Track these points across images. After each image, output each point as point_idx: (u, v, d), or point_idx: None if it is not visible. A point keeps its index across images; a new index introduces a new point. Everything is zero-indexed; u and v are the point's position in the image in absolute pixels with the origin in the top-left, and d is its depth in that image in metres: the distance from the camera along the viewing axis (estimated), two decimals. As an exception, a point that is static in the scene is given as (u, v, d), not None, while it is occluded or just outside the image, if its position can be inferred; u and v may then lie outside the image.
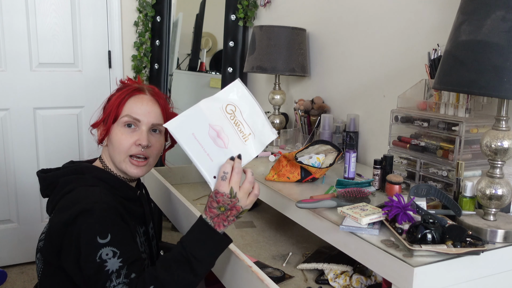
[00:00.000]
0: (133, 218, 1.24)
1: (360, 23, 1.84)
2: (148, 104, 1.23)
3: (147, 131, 1.21)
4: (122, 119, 1.20)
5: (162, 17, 2.86)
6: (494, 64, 0.97)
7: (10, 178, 2.72)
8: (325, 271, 1.36)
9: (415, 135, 1.42)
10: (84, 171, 1.22)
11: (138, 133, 1.20)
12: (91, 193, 1.12)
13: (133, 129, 1.20)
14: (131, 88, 1.24)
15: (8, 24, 2.59)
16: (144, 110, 1.21)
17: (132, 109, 1.20)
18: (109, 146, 1.23)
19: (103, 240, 1.03)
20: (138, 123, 1.21)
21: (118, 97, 1.22)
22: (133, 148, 1.20)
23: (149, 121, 1.21)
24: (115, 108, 1.20)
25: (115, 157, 1.22)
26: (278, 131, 2.19)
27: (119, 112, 1.20)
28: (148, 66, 2.93)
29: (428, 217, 1.02)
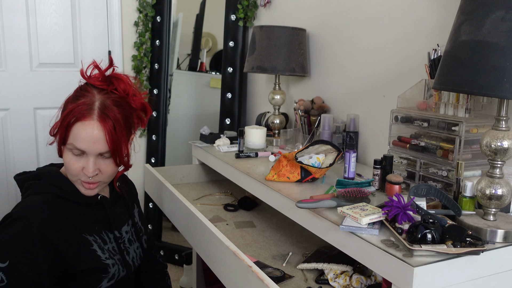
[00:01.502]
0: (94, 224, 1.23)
1: (360, 23, 1.84)
2: (94, 132, 1.13)
3: (94, 159, 1.15)
4: (68, 146, 1.15)
5: (162, 17, 2.86)
6: (494, 64, 0.97)
7: (10, 178, 2.72)
8: (325, 271, 1.36)
9: (415, 135, 1.42)
10: (42, 176, 1.22)
11: (84, 160, 1.15)
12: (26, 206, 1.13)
13: (80, 156, 1.16)
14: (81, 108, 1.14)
15: (8, 24, 2.59)
16: (89, 140, 1.13)
17: (76, 138, 1.13)
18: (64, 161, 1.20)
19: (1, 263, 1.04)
20: (83, 153, 1.15)
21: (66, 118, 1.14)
22: (81, 175, 1.17)
23: (95, 151, 1.15)
24: (63, 131, 1.14)
25: (68, 174, 1.20)
26: (278, 131, 2.19)
27: (67, 137, 1.14)
28: (148, 66, 2.93)
29: (428, 217, 1.02)
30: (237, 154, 1.87)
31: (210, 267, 1.39)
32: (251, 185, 1.60)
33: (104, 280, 1.20)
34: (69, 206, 1.19)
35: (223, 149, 2.00)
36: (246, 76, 2.76)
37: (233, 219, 1.83)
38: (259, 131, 1.99)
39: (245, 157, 1.87)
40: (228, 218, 1.84)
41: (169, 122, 3.04)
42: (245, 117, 2.81)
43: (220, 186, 2.22)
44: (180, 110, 3.16)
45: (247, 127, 2.02)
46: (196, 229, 1.46)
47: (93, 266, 1.18)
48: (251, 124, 2.63)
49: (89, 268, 1.17)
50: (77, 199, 1.21)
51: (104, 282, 1.20)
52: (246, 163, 1.77)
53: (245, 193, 2.00)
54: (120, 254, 1.27)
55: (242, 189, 1.72)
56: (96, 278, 1.19)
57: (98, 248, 1.20)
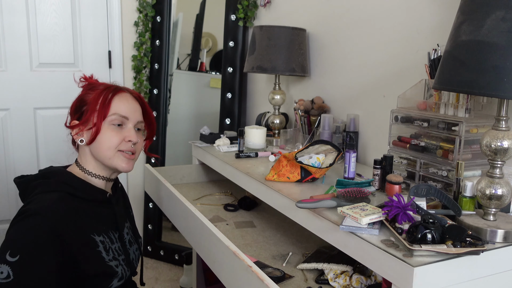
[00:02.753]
0: (103, 223, 1.23)
1: (360, 23, 1.84)
2: (132, 102, 1.27)
3: (133, 128, 1.25)
4: (110, 118, 1.22)
5: (162, 17, 2.86)
6: (494, 64, 0.97)
7: (10, 178, 2.72)
8: (325, 271, 1.36)
9: (415, 135, 1.42)
10: (50, 175, 1.22)
11: (126, 130, 1.24)
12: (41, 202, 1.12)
13: (120, 127, 1.24)
14: (112, 86, 1.26)
15: (8, 24, 2.60)
16: (130, 108, 1.25)
17: (119, 107, 1.23)
18: (93, 146, 1.23)
19: (10, 257, 1.03)
20: (126, 120, 1.24)
21: (103, 97, 1.22)
22: (123, 144, 1.24)
23: (135, 118, 1.26)
24: (102, 107, 1.21)
25: (102, 153, 1.23)
26: (278, 131, 2.19)
27: (107, 111, 1.22)
28: (148, 66, 2.93)
29: (428, 217, 1.02)
30: (237, 154, 1.87)
31: (210, 267, 1.39)
32: (251, 185, 1.60)
33: (115, 280, 1.22)
34: (80, 204, 1.19)
35: (223, 149, 2.00)
36: (246, 76, 2.76)
37: (233, 219, 1.83)
38: (259, 131, 1.99)
39: (245, 157, 1.87)
40: (228, 218, 1.84)
41: (169, 122, 3.04)
42: (245, 117, 2.81)
43: (220, 186, 2.22)
44: (180, 110, 3.16)
45: (247, 127, 2.02)
46: (196, 229, 1.46)
47: (99, 270, 1.17)
48: (251, 124, 2.63)
49: (96, 273, 1.16)
50: (88, 196, 1.21)
51: (114, 282, 1.22)
52: (246, 163, 1.77)
53: (245, 193, 2.00)
54: (125, 254, 1.28)
55: (242, 189, 1.72)
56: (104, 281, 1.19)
57: (104, 249, 1.20)
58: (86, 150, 1.26)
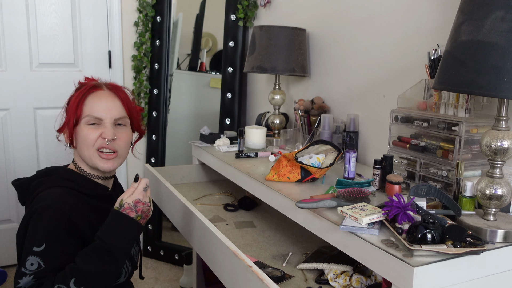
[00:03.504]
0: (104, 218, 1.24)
1: (360, 23, 1.84)
2: (108, 100, 1.23)
3: (111, 126, 1.22)
4: (85, 120, 1.20)
5: (162, 17, 2.86)
6: (494, 64, 0.97)
7: (10, 178, 2.72)
8: (325, 271, 1.36)
9: (415, 135, 1.42)
10: (51, 172, 1.24)
11: (101, 128, 1.22)
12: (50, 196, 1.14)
13: (97, 126, 1.21)
14: (88, 86, 1.24)
15: (8, 24, 2.60)
16: (104, 107, 1.21)
17: (92, 108, 1.20)
18: (77, 147, 1.24)
19: (37, 248, 1.06)
20: (101, 121, 1.21)
21: (76, 98, 1.21)
22: (99, 141, 1.21)
23: (111, 116, 1.22)
24: (75, 110, 1.20)
25: (84, 154, 1.22)
26: (278, 131, 2.19)
27: (79, 113, 1.20)
28: (148, 66, 2.93)
29: (428, 217, 1.02)
30: (237, 154, 1.87)
31: (210, 267, 1.39)
32: (251, 185, 1.60)
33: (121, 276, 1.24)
34: (83, 199, 1.20)
35: (223, 149, 2.00)
36: (246, 76, 2.76)
37: (233, 219, 1.83)
38: (259, 131, 1.99)
39: (245, 157, 1.87)
40: (228, 218, 1.84)
41: (169, 122, 3.04)
42: (245, 117, 2.81)
43: (220, 186, 2.22)
44: (180, 110, 3.16)
45: (247, 127, 2.02)
46: (196, 229, 1.46)
47: None
48: (251, 124, 2.63)
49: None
50: (90, 191, 1.23)
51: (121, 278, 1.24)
52: (246, 163, 1.77)
53: (245, 193, 2.00)
54: None
55: (242, 189, 1.72)
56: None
57: None
58: (75, 152, 1.28)
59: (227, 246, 1.23)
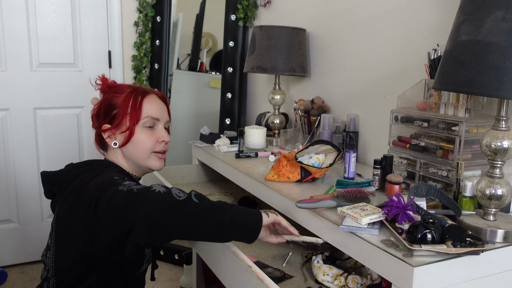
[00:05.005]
0: None
1: (360, 23, 1.84)
2: (160, 103, 1.34)
3: (163, 128, 1.33)
4: (143, 121, 1.28)
5: (162, 17, 2.86)
6: (494, 64, 0.97)
7: (10, 178, 2.72)
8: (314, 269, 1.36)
9: (415, 135, 1.42)
10: (92, 163, 1.29)
11: (157, 131, 1.32)
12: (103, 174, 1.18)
13: (152, 129, 1.30)
14: (139, 89, 1.32)
15: (8, 24, 2.60)
16: (159, 109, 1.32)
17: (150, 109, 1.30)
18: (129, 147, 1.29)
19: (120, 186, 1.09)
20: (157, 121, 1.31)
21: (133, 100, 1.28)
22: (157, 145, 1.31)
23: (165, 119, 1.34)
24: (134, 111, 1.27)
25: (137, 155, 1.30)
26: (278, 131, 2.19)
27: (139, 114, 1.28)
28: (148, 66, 2.93)
29: (428, 217, 1.02)
30: (237, 154, 1.87)
31: (210, 267, 1.39)
32: (251, 185, 1.60)
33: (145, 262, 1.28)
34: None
35: (223, 149, 2.00)
36: (246, 76, 2.76)
37: (233, 219, 1.83)
38: (259, 131, 1.99)
39: (245, 157, 1.87)
40: (228, 218, 1.84)
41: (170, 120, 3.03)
42: (245, 117, 2.81)
43: (220, 186, 2.22)
44: (180, 110, 3.16)
45: (247, 127, 2.02)
46: (196, 229, 1.46)
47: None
48: (251, 124, 2.63)
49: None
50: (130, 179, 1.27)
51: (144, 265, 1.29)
52: (246, 163, 1.77)
53: (245, 193, 2.00)
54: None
55: (242, 189, 1.71)
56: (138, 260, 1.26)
57: None
58: (117, 151, 1.32)
59: (227, 246, 1.23)
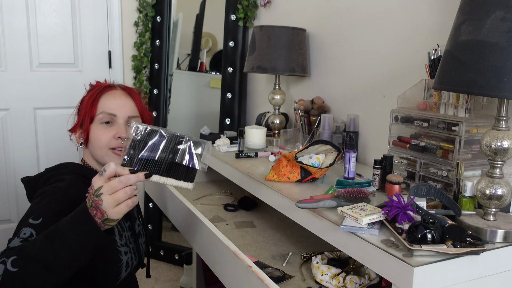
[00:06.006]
0: None
1: (360, 23, 1.84)
2: (121, 97, 1.25)
3: (124, 124, 1.24)
4: (98, 117, 1.22)
5: (162, 17, 2.86)
6: (494, 64, 0.97)
7: (10, 178, 2.72)
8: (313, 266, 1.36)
9: (415, 135, 1.42)
10: (61, 167, 1.25)
11: (115, 127, 1.23)
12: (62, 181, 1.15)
13: (110, 125, 1.23)
14: (102, 85, 1.27)
15: (8, 24, 2.60)
16: (118, 104, 1.23)
17: (106, 105, 1.22)
18: (89, 146, 1.25)
19: (33, 220, 1.04)
20: (114, 117, 1.23)
21: (90, 97, 1.23)
22: (113, 142, 1.22)
23: (124, 114, 1.24)
24: (89, 108, 1.22)
25: (96, 153, 1.24)
26: (278, 131, 2.19)
27: (94, 111, 1.22)
28: (148, 66, 2.93)
29: (428, 217, 1.02)
30: (237, 154, 1.87)
31: (210, 267, 1.39)
32: (251, 185, 1.60)
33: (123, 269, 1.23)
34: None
35: (223, 149, 2.00)
36: (246, 76, 2.76)
37: (233, 219, 1.83)
38: (259, 131, 1.99)
39: (245, 157, 1.87)
40: (228, 218, 1.84)
41: (169, 122, 3.03)
42: (245, 117, 2.81)
43: (220, 186, 2.22)
44: (180, 110, 3.16)
45: (247, 127, 2.02)
46: (196, 229, 1.46)
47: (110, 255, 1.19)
48: (251, 124, 2.63)
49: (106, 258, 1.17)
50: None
51: (122, 273, 1.23)
52: (246, 163, 1.77)
53: (245, 193, 2.00)
54: (135, 242, 1.31)
55: (242, 189, 1.72)
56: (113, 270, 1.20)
57: (117, 233, 1.23)
58: (86, 151, 1.30)
59: (227, 246, 1.23)
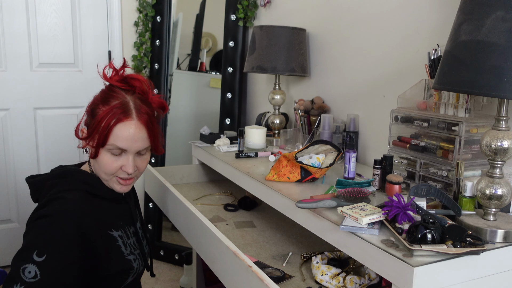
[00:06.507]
0: (120, 219, 1.25)
1: (360, 23, 1.84)
2: (135, 131, 1.17)
3: (133, 157, 1.20)
4: (108, 146, 1.17)
5: (162, 17, 2.86)
6: (494, 64, 0.97)
7: (10, 178, 2.72)
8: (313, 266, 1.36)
9: (415, 135, 1.42)
10: (67, 174, 1.22)
11: (124, 159, 1.19)
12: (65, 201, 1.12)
13: (119, 155, 1.19)
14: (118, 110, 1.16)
15: (8, 24, 2.59)
16: (130, 139, 1.17)
17: (118, 138, 1.16)
18: (95, 162, 1.22)
19: (37, 257, 1.03)
20: (125, 151, 1.19)
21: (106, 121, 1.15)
22: (119, 172, 1.20)
23: (135, 149, 1.19)
24: (102, 134, 1.16)
25: (101, 174, 1.22)
26: (278, 131, 2.19)
27: (106, 140, 1.16)
28: (148, 66, 2.93)
29: (428, 217, 1.02)
30: (237, 154, 1.87)
31: (210, 267, 1.39)
32: (251, 185, 1.60)
33: (130, 276, 1.24)
34: (99, 203, 1.20)
35: (223, 149, 2.00)
36: (246, 76, 2.76)
37: (233, 219, 1.83)
38: (259, 131, 1.99)
39: (245, 157, 1.87)
40: (228, 218, 1.84)
41: (169, 122, 3.03)
42: (245, 117, 2.81)
43: (220, 186, 2.22)
44: (180, 110, 3.16)
45: (247, 127, 2.02)
46: (196, 229, 1.46)
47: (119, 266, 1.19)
48: (251, 124, 2.63)
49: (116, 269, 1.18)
50: (106, 194, 1.23)
51: (129, 278, 1.25)
52: (246, 163, 1.77)
53: (245, 193, 2.00)
54: (140, 248, 1.31)
55: (242, 189, 1.72)
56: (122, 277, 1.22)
57: (122, 244, 1.22)
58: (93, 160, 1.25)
59: (227, 246, 1.23)
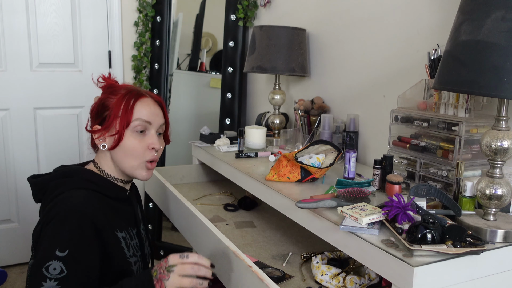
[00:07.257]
0: (124, 220, 1.25)
1: (360, 23, 1.84)
2: (154, 106, 1.26)
3: (155, 134, 1.25)
4: (133, 124, 1.21)
5: (162, 17, 2.86)
6: (494, 64, 0.97)
7: (10, 178, 2.72)
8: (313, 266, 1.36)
9: (415, 135, 1.42)
10: (72, 174, 1.22)
11: (148, 137, 1.23)
12: (74, 198, 1.12)
13: (143, 134, 1.23)
14: (133, 91, 1.25)
15: (8, 24, 2.59)
16: (152, 113, 1.24)
17: (141, 113, 1.22)
18: (118, 152, 1.22)
19: (60, 252, 1.04)
20: (149, 126, 1.23)
21: (125, 102, 1.21)
22: (147, 153, 1.23)
23: (158, 123, 1.25)
24: (125, 114, 1.20)
25: (125, 162, 1.22)
26: (278, 131, 2.19)
27: (130, 117, 1.20)
28: (148, 66, 2.93)
29: (428, 217, 1.02)
30: (237, 154, 1.87)
31: (210, 267, 1.39)
32: (251, 185, 1.60)
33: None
34: (105, 201, 1.20)
35: (223, 149, 2.00)
36: (246, 76, 2.76)
37: (233, 219, 1.83)
38: (259, 131, 1.99)
39: (245, 157, 1.87)
40: (228, 218, 1.84)
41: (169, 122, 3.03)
42: (245, 117, 2.81)
43: (220, 186, 2.22)
44: (180, 110, 3.16)
45: (247, 127, 2.02)
46: (196, 229, 1.46)
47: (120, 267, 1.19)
48: (251, 124, 2.63)
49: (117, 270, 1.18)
50: (112, 193, 1.23)
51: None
52: (246, 163, 1.77)
53: (245, 193, 2.00)
54: (141, 250, 1.30)
55: (242, 189, 1.72)
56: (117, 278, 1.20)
57: (125, 245, 1.22)
58: (106, 154, 1.25)
59: (227, 246, 1.23)
